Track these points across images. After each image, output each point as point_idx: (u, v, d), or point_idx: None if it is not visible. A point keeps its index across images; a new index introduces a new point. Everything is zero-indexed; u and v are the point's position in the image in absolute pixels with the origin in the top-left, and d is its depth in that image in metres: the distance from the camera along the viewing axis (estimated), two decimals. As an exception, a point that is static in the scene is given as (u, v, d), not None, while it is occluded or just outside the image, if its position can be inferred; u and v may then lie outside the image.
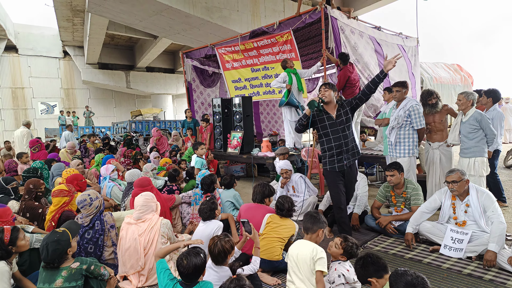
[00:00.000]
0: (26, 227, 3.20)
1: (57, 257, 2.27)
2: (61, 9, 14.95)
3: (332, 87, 3.52)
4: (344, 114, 3.49)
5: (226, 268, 2.40)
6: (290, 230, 3.06)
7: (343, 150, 3.49)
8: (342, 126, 3.48)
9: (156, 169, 5.52)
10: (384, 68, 3.26)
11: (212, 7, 10.93)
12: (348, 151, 3.52)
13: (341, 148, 3.49)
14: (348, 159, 3.53)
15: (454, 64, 11.61)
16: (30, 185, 3.68)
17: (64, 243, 2.30)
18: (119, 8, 10.51)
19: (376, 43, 6.73)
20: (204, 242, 3.07)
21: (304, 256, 2.43)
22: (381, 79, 3.30)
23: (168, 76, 24.61)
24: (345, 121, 3.49)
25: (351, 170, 3.60)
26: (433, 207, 3.48)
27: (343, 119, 3.48)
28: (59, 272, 2.27)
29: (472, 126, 3.99)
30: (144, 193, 3.17)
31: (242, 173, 8.03)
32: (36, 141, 7.41)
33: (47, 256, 2.24)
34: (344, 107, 3.53)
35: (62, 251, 2.28)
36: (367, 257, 2.11)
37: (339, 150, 3.49)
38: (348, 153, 3.52)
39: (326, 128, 3.51)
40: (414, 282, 1.71)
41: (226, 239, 2.40)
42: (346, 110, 3.51)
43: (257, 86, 7.81)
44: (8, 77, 21.13)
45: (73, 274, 2.29)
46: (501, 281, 2.69)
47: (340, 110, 3.51)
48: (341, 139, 3.48)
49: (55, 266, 2.28)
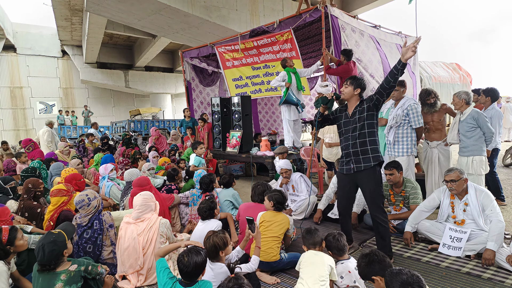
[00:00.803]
0: (24, 227, 3.19)
1: (54, 259, 2.22)
2: (60, 8, 14.91)
3: (354, 83, 3.09)
4: (359, 112, 3.06)
5: (221, 264, 2.40)
6: (284, 224, 3.04)
7: (350, 152, 3.13)
8: (355, 125, 3.08)
9: (154, 168, 5.51)
10: (402, 57, 2.74)
11: (211, 6, 10.92)
12: (358, 154, 3.08)
13: (348, 149, 3.14)
14: (357, 163, 3.09)
15: (453, 63, 11.62)
16: (29, 185, 3.68)
17: (61, 244, 2.26)
18: (118, 7, 10.49)
19: (376, 42, 6.73)
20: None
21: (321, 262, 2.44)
22: (400, 70, 2.79)
23: (167, 76, 24.58)
24: (358, 120, 3.06)
25: (363, 176, 3.10)
26: (432, 206, 3.48)
27: (356, 118, 3.07)
28: (57, 276, 2.22)
29: (469, 125, 4.01)
30: (143, 192, 3.17)
31: (241, 172, 8.03)
32: (28, 141, 7.58)
33: (43, 258, 2.19)
34: (362, 104, 3.08)
35: (58, 252, 2.24)
36: (373, 255, 2.09)
37: (347, 151, 3.17)
38: (357, 156, 3.08)
39: (341, 126, 3.23)
40: (409, 281, 1.70)
41: (220, 235, 2.41)
42: (364, 107, 3.04)
43: (259, 83, 7.81)
44: (6, 77, 21.08)
45: (72, 277, 2.25)
46: (500, 279, 2.69)
47: (357, 107, 3.11)
48: (349, 139, 3.12)
49: (51, 268, 2.23)
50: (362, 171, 3.07)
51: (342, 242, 2.55)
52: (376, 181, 3.06)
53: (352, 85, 3.09)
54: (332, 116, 3.31)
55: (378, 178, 3.06)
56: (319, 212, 4.31)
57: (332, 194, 4.43)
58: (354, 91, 3.10)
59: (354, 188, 3.26)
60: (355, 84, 3.09)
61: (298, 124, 6.64)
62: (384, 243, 3.05)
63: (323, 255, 2.49)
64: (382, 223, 3.03)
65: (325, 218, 4.33)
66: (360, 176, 3.11)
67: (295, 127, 6.46)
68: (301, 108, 6.22)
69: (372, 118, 3.04)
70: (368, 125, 3.04)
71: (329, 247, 2.60)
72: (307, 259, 2.49)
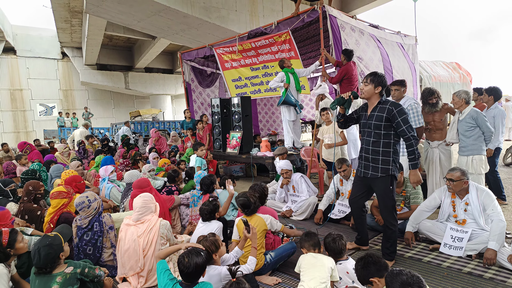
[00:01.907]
0: (25, 229, 3.19)
1: (50, 262, 2.21)
2: (59, 10, 14.92)
3: (376, 81, 2.86)
4: (376, 118, 2.88)
5: (215, 267, 2.43)
6: (261, 225, 2.94)
7: (362, 156, 3.05)
8: (370, 130, 2.94)
9: (154, 170, 5.51)
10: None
11: (210, 7, 10.92)
12: (368, 160, 2.98)
13: (361, 152, 3.07)
14: (366, 168, 3.02)
15: (452, 62, 11.62)
16: (30, 187, 3.67)
17: (57, 247, 2.25)
18: (117, 9, 10.49)
19: (377, 40, 6.73)
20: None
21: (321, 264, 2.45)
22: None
23: (167, 77, 24.59)
24: (373, 126, 2.90)
25: (375, 182, 3.01)
26: (433, 206, 3.47)
27: (372, 123, 2.91)
28: (53, 279, 2.21)
29: (468, 124, 4.00)
30: (143, 194, 3.16)
31: (241, 173, 8.02)
32: (23, 144, 7.76)
33: (39, 261, 2.18)
34: (384, 109, 2.84)
35: (54, 256, 2.23)
36: (368, 257, 2.11)
37: (360, 153, 3.09)
38: (368, 161, 2.99)
39: (361, 126, 3.10)
40: (410, 281, 1.71)
41: (210, 239, 2.45)
42: (383, 116, 2.83)
43: (258, 84, 7.81)
44: (6, 79, 21.10)
45: (68, 279, 2.24)
46: (501, 279, 2.68)
47: (375, 109, 2.92)
48: (364, 143, 3.04)
49: (48, 271, 2.22)
50: (374, 179, 2.99)
51: (339, 246, 2.56)
52: (386, 187, 2.96)
53: (372, 83, 2.87)
54: (356, 115, 3.16)
55: (387, 185, 2.96)
56: (319, 213, 4.30)
57: (333, 195, 4.43)
58: (375, 89, 2.88)
59: (366, 188, 3.16)
60: (376, 82, 2.87)
61: (298, 125, 6.64)
62: (387, 245, 3.04)
63: (322, 257, 2.49)
64: (390, 226, 2.99)
65: (325, 218, 4.32)
66: (372, 181, 3.04)
67: (294, 128, 6.46)
68: (299, 109, 6.23)
69: (390, 130, 2.87)
70: (385, 135, 2.88)
71: (327, 249, 2.60)
72: (307, 262, 2.49)
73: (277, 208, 4.83)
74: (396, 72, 6.83)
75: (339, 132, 5.04)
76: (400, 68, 7.05)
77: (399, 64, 7.06)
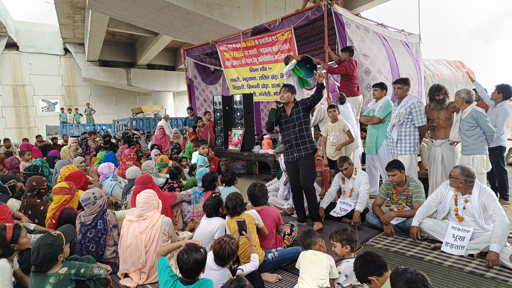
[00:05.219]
0: (27, 225, 3.20)
1: (47, 262, 2.20)
2: (62, 6, 14.92)
3: (291, 90, 4.04)
4: (296, 113, 4.02)
5: (226, 268, 2.44)
6: (251, 220, 2.96)
7: (293, 144, 4.11)
8: (293, 123, 4.08)
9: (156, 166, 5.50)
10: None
11: (213, 3, 10.90)
12: (299, 145, 4.07)
13: (291, 142, 4.13)
14: (298, 152, 4.08)
15: (456, 60, 11.54)
16: (33, 182, 3.68)
17: (57, 247, 2.24)
18: (120, 5, 10.49)
19: (382, 37, 6.71)
20: (207, 239, 3.08)
21: (320, 261, 2.46)
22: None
23: (169, 73, 24.59)
24: (296, 119, 4.04)
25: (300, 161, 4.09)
26: (440, 199, 3.46)
27: (294, 117, 4.04)
28: (47, 279, 2.20)
29: (469, 124, 3.98)
30: (146, 190, 3.16)
31: (243, 171, 8.03)
32: (26, 146, 7.75)
33: (36, 259, 2.17)
34: (297, 106, 4.05)
35: (52, 256, 2.21)
36: (367, 255, 2.10)
37: (289, 143, 4.14)
38: (299, 147, 4.07)
39: (282, 124, 4.22)
40: (415, 280, 1.71)
41: (232, 241, 2.44)
42: (299, 109, 4.01)
43: (254, 86, 7.78)
44: (9, 75, 21.14)
45: (61, 280, 2.23)
46: (503, 278, 2.68)
47: (293, 109, 4.06)
48: (291, 134, 4.13)
49: (43, 270, 2.21)
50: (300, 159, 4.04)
51: (354, 237, 2.61)
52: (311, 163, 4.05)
53: (290, 91, 4.03)
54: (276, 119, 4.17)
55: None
56: (321, 211, 4.30)
57: (335, 193, 4.42)
58: (291, 95, 4.05)
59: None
60: (292, 90, 4.05)
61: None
62: (313, 207, 4.06)
63: (322, 254, 2.50)
64: (310, 192, 4.02)
65: (327, 216, 4.32)
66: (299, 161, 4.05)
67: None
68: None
69: (307, 117, 4.05)
70: (305, 122, 4.02)
71: (347, 240, 2.59)
72: (307, 258, 2.50)
73: (278, 205, 4.83)
74: (402, 70, 6.80)
75: (345, 130, 5.01)
76: (405, 66, 7.02)
77: (404, 62, 7.03)
